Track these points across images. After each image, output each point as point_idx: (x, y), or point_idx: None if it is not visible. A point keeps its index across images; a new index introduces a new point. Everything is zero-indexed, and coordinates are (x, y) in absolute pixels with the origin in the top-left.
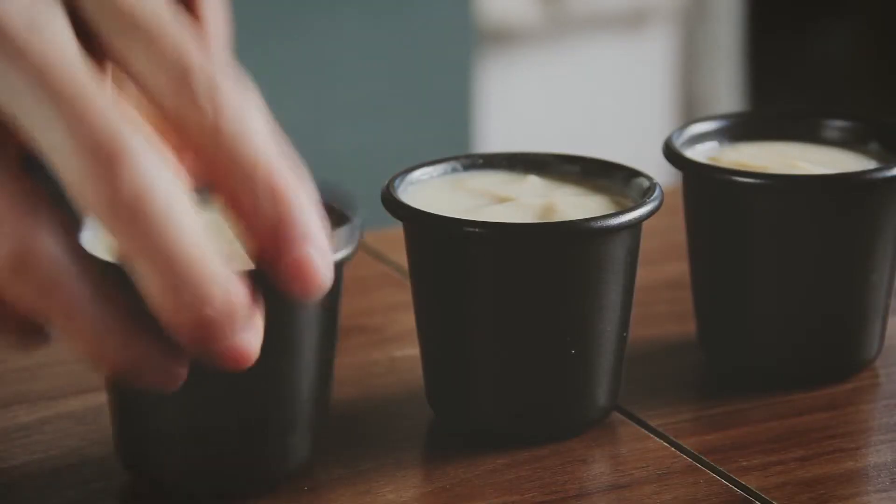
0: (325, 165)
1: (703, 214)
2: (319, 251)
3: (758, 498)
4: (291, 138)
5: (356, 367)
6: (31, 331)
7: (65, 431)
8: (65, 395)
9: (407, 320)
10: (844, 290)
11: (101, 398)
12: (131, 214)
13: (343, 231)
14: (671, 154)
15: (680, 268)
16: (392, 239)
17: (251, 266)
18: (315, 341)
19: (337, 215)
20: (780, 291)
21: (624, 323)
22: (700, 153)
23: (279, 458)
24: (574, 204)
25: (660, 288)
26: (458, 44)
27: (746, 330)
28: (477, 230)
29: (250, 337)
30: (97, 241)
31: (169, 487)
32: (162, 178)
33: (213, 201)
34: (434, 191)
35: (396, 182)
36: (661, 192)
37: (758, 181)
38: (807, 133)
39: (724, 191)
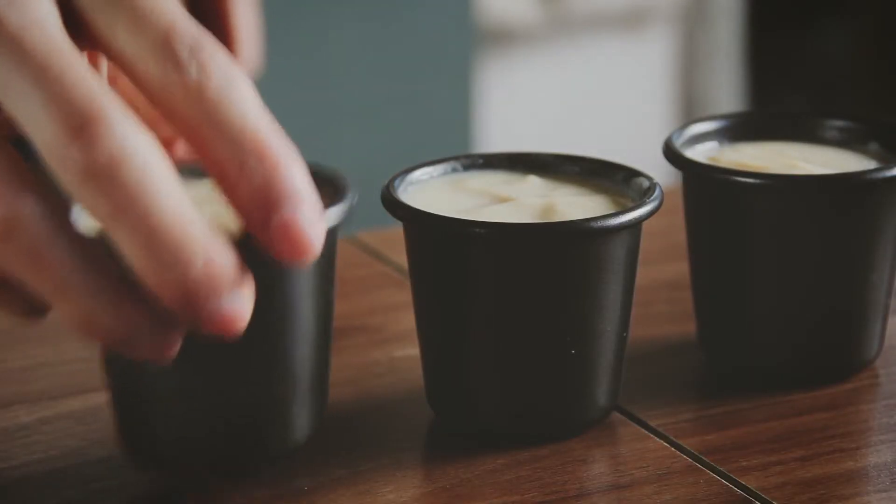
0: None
1: (703, 214)
2: (309, 213)
3: (758, 498)
4: (291, 138)
5: (356, 367)
6: (25, 302)
7: (65, 431)
8: (65, 395)
9: (407, 320)
10: (844, 290)
11: (102, 398)
12: (108, 178)
13: (337, 199)
14: (671, 154)
15: (680, 268)
16: (392, 239)
17: (241, 235)
18: (311, 314)
19: (331, 186)
20: (780, 291)
21: (624, 323)
22: (700, 153)
23: (278, 434)
24: (574, 204)
25: (660, 288)
26: (458, 44)
27: (746, 330)
28: (477, 230)
29: (239, 303)
30: (83, 217)
31: (168, 462)
32: (139, 142)
33: (202, 174)
34: (434, 191)
35: (396, 182)
36: (661, 192)
37: (758, 181)
38: (807, 133)
39: (724, 191)
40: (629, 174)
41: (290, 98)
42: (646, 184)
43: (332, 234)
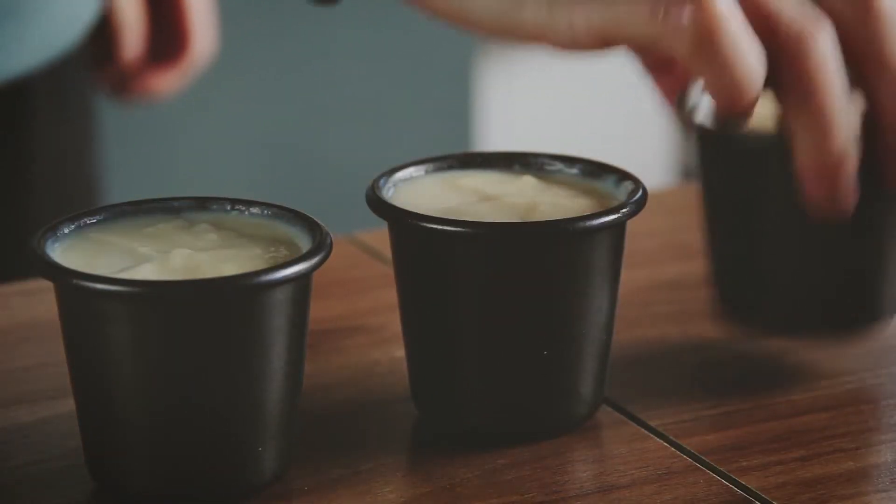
0: (326, 166)
1: (716, 181)
2: None
3: (758, 498)
4: (295, 139)
5: (356, 367)
6: None
7: (65, 431)
8: (65, 395)
9: None
10: (861, 249)
11: None
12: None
13: (314, 246)
14: (685, 120)
15: (680, 268)
16: None
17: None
18: (283, 354)
19: (309, 224)
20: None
21: (608, 322)
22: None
23: (248, 469)
24: (558, 205)
25: (660, 288)
26: (459, 47)
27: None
28: (449, 229)
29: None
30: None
31: (135, 496)
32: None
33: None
34: (425, 188)
35: (382, 181)
36: (644, 195)
37: (768, 144)
38: None
39: (735, 155)
40: (620, 177)
41: (293, 98)
42: (630, 187)
43: (306, 278)
